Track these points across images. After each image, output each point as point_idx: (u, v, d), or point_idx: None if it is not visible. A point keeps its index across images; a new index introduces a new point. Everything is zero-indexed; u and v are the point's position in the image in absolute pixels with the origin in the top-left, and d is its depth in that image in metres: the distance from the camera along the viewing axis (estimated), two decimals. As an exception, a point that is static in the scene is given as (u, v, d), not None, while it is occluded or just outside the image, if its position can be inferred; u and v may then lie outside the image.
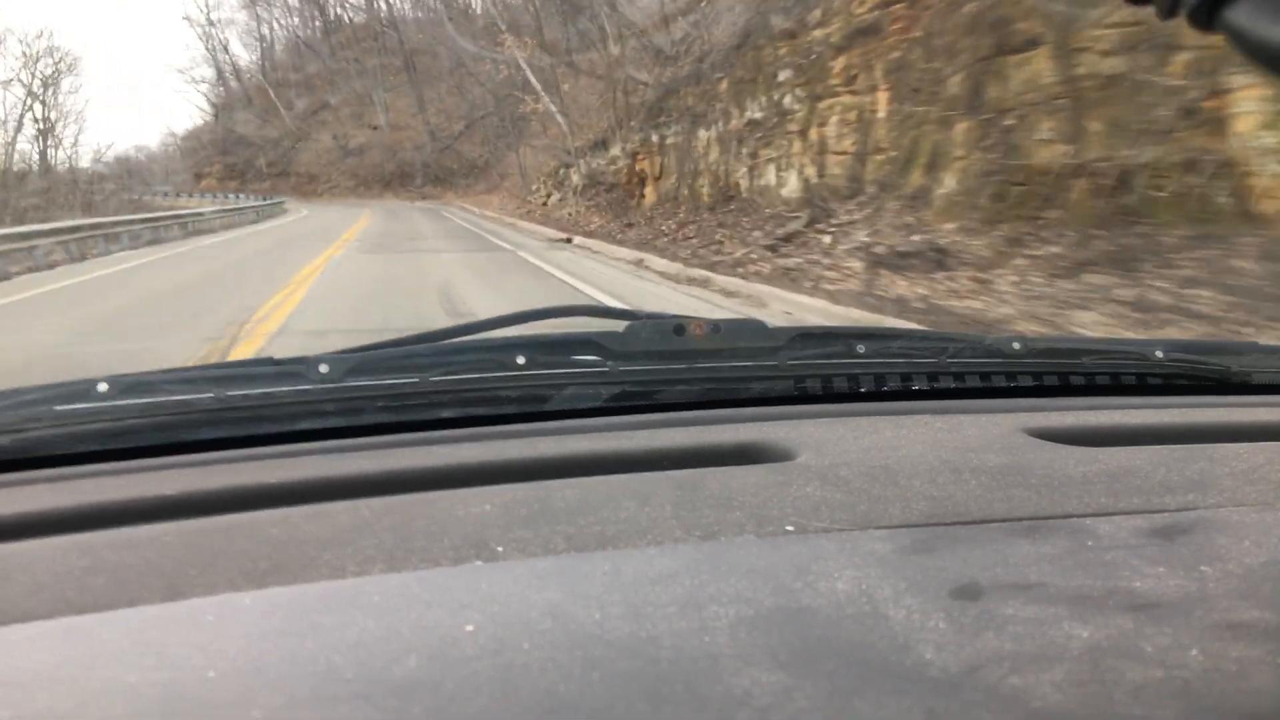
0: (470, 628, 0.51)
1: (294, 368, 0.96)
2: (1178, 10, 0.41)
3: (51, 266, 13.83)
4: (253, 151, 61.80)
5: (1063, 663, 0.47)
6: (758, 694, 0.44)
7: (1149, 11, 0.43)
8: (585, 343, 1.05)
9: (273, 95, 66.39)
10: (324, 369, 0.96)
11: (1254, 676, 0.46)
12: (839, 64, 11.21)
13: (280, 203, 40.26)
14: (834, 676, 0.46)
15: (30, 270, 13.22)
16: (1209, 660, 0.47)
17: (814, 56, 11.85)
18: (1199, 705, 0.43)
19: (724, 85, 14.78)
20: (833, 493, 0.74)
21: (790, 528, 0.67)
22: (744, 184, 13.81)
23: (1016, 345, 1.13)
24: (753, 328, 1.11)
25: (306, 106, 64.22)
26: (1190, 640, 0.49)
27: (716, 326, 1.08)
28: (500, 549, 0.64)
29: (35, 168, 39.38)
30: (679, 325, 1.08)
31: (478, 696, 0.44)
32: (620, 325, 1.07)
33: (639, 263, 11.55)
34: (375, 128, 56.44)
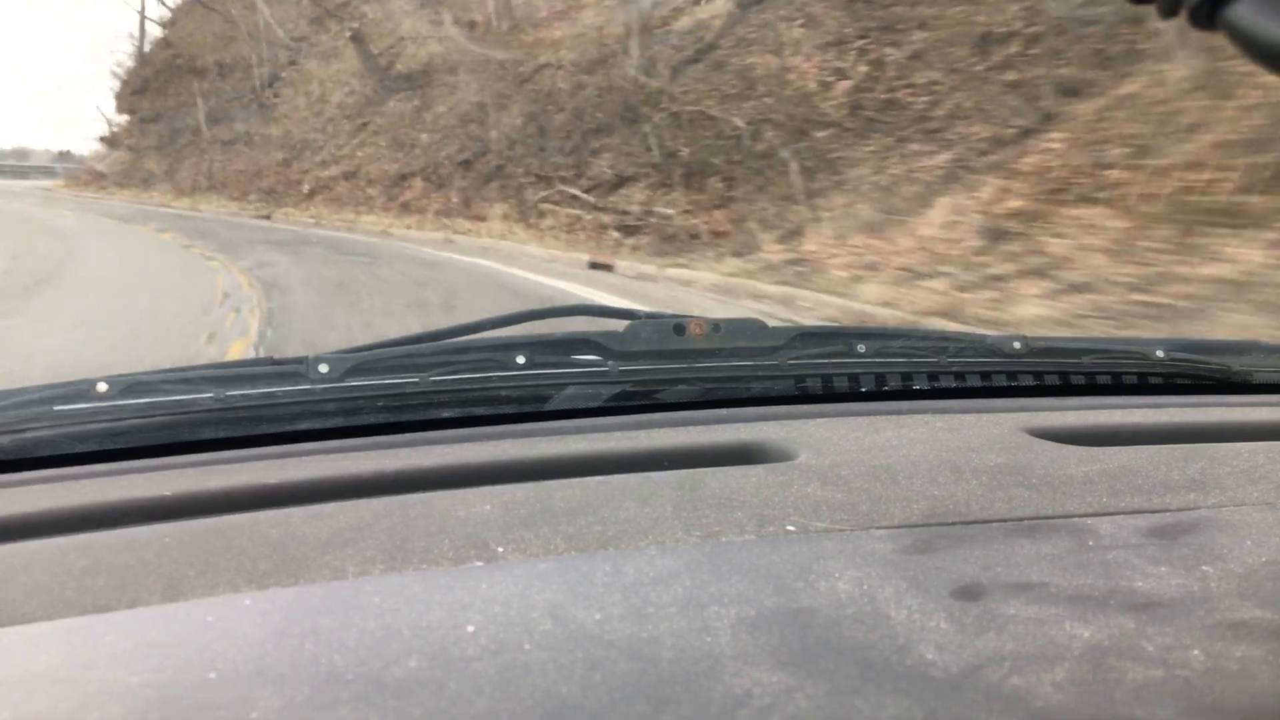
0: (471, 628, 0.51)
1: (294, 368, 0.96)
2: (1178, 9, 0.41)
3: None
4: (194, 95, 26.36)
5: (1064, 662, 0.47)
6: (758, 694, 0.44)
7: None
8: (585, 342, 1.05)
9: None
10: (324, 369, 0.96)
11: (1255, 676, 0.46)
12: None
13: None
14: (835, 676, 0.45)
15: None
16: (1210, 660, 0.47)
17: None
18: (1200, 705, 0.43)
19: None
20: (833, 493, 0.74)
21: (791, 528, 0.67)
22: None
23: (1017, 344, 1.13)
24: (753, 327, 1.11)
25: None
26: (1192, 640, 0.49)
27: (716, 326, 1.08)
28: (500, 549, 0.63)
29: None
30: (679, 325, 1.08)
31: (478, 697, 0.44)
32: (620, 325, 1.07)
33: None
34: (475, 24, 16.91)
